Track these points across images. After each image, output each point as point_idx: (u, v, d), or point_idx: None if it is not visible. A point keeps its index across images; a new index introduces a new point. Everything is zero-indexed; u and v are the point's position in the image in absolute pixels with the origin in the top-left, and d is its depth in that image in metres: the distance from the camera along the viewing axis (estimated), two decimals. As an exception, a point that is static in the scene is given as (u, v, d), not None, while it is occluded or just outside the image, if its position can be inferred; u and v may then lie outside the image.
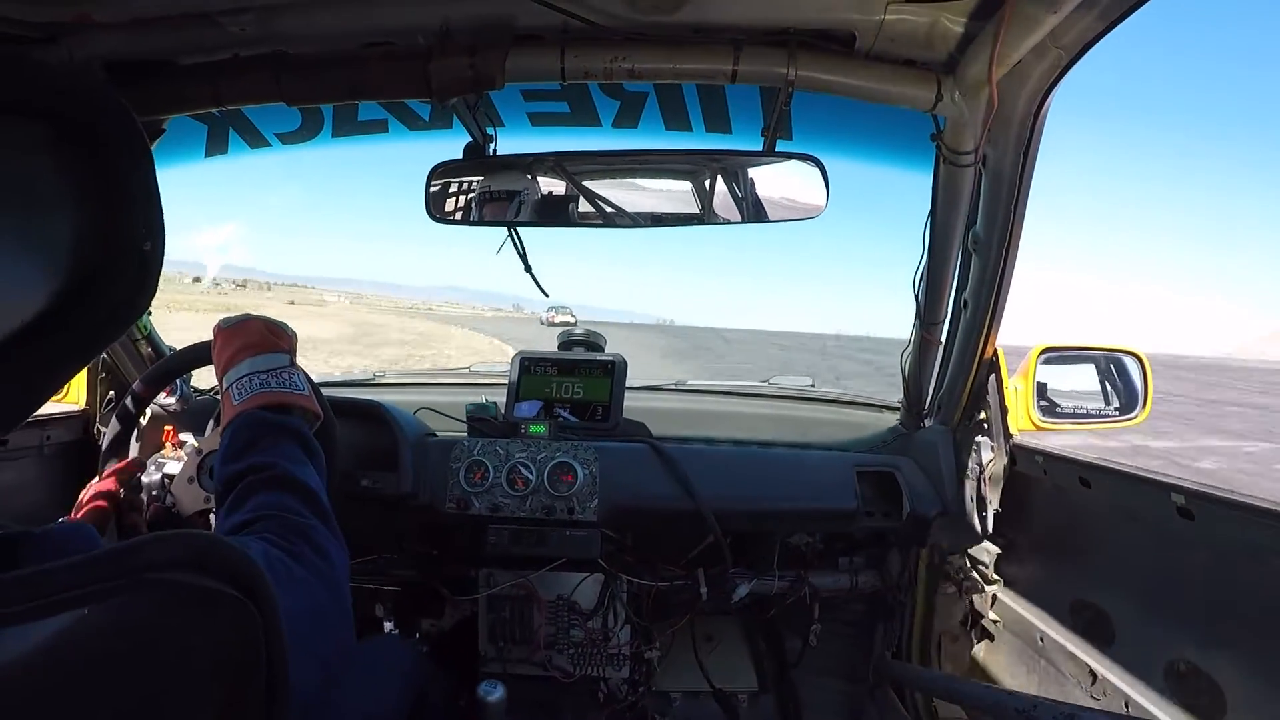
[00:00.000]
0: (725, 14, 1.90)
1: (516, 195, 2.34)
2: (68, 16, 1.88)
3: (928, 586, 2.80)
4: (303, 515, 1.28)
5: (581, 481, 2.57)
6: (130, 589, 0.74)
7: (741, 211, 2.27)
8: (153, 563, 0.77)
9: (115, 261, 0.79)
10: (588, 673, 2.80)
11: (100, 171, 0.76)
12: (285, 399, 1.61)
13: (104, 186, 0.77)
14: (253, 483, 1.34)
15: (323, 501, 1.39)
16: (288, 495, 1.33)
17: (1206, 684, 1.77)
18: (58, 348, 0.78)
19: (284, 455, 1.45)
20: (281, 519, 1.23)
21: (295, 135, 2.77)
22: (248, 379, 1.63)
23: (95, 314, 0.79)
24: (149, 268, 0.82)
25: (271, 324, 1.78)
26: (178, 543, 0.80)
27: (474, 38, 1.95)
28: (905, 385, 2.87)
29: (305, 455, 1.51)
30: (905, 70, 2.02)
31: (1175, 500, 1.80)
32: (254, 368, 1.65)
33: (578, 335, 3.19)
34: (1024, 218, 2.19)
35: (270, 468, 1.38)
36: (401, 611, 3.12)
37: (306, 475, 1.42)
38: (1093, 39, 1.74)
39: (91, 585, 0.72)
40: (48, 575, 0.73)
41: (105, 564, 0.75)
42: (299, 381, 1.68)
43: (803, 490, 2.67)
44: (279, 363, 1.69)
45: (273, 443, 1.47)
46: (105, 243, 0.78)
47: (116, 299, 0.80)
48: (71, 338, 0.79)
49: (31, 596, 0.70)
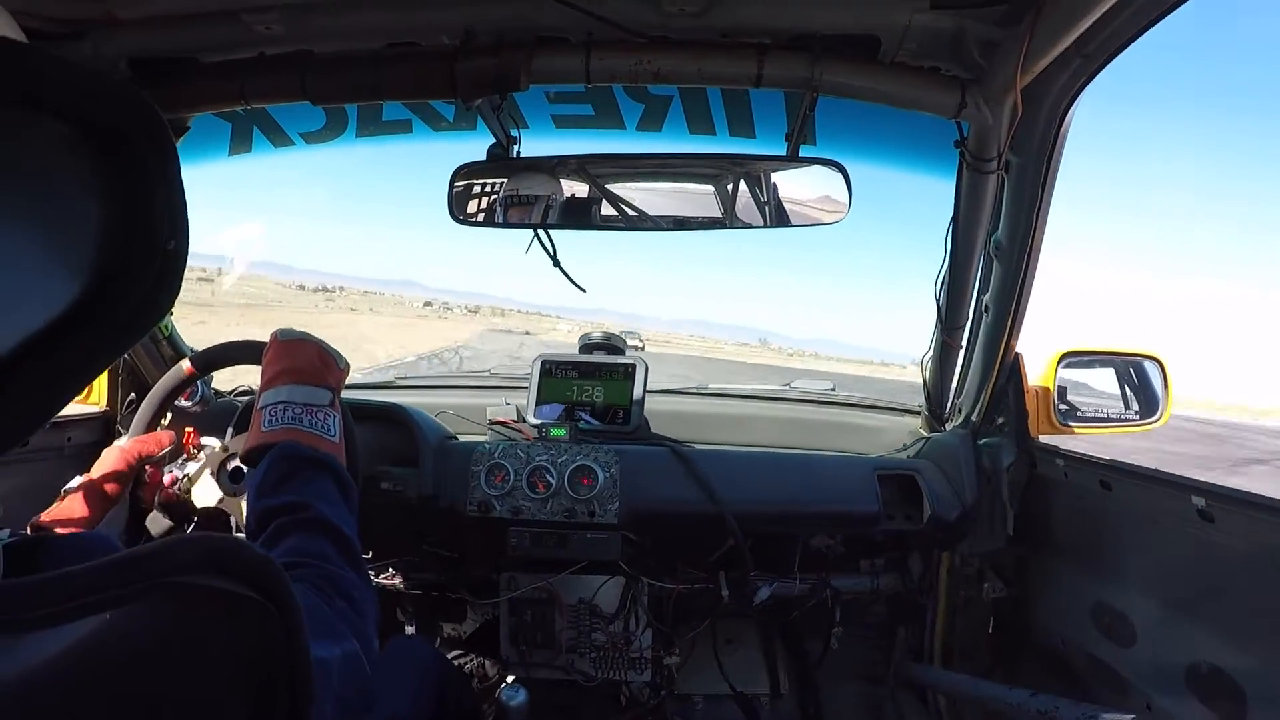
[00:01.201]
0: (751, 18, 1.91)
1: (540, 197, 2.34)
2: (93, 14, 1.89)
3: (949, 589, 2.80)
4: (336, 564, 1.28)
5: (602, 484, 2.56)
6: (151, 592, 0.74)
7: (764, 216, 2.27)
8: (174, 566, 0.76)
9: (139, 261, 0.79)
10: (609, 676, 2.79)
11: (125, 171, 0.76)
12: (314, 442, 1.59)
13: (128, 186, 0.77)
14: (287, 523, 1.34)
15: (355, 546, 1.39)
16: (323, 540, 1.33)
17: (1228, 685, 1.78)
18: (81, 348, 0.77)
19: (320, 494, 1.44)
20: (317, 568, 1.24)
21: (319, 134, 2.78)
22: (282, 407, 1.62)
23: (118, 314, 0.78)
24: (173, 267, 0.82)
25: (326, 352, 1.78)
26: (198, 546, 0.80)
27: (498, 39, 1.95)
28: (926, 389, 2.88)
29: (340, 493, 1.50)
30: (930, 76, 2.02)
31: (1196, 503, 1.81)
32: (291, 397, 1.64)
33: (597, 338, 3.18)
34: (1046, 224, 2.19)
35: (306, 508, 1.37)
36: (423, 615, 3.12)
37: (341, 518, 1.42)
38: (1117, 47, 1.74)
39: (112, 589, 0.72)
40: (68, 580, 0.72)
41: (126, 568, 0.74)
42: (332, 426, 1.66)
43: (824, 493, 2.66)
44: (318, 399, 1.67)
45: (308, 479, 1.47)
46: (129, 242, 0.78)
47: (140, 299, 0.80)
48: (95, 337, 0.78)
49: (52, 601, 0.70)
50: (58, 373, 0.75)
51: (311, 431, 1.59)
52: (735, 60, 1.96)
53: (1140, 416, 2.67)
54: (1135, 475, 2.08)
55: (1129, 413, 2.70)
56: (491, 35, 1.95)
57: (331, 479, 1.51)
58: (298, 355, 1.73)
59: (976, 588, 2.72)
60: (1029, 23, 1.67)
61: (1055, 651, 2.44)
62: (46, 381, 0.74)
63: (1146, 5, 1.58)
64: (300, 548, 1.28)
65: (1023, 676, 2.60)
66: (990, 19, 1.80)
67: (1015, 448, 2.55)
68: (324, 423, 1.63)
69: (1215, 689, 1.81)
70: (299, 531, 1.33)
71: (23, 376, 0.72)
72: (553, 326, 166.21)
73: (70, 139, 0.72)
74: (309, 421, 1.61)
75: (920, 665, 2.93)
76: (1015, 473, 2.54)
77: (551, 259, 2.38)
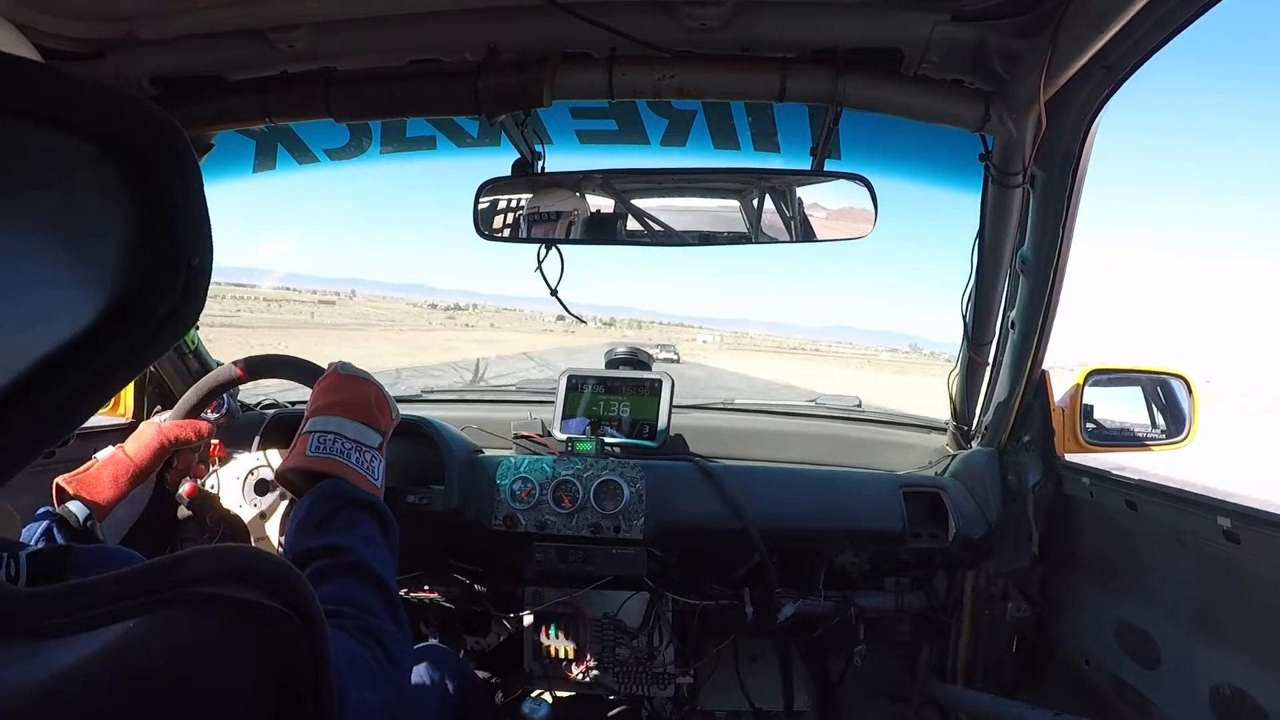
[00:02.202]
0: (773, 32, 1.91)
1: (564, 212, 2.34)
2: (116, 33, 1.91)
3: (974, 607, 2.77)
4: (376, 615, 1.27)
5: (628, 500, 2.56)
6: (175, 603, 0.74)
7: (790, 231, 2.26)
8: (197, 576, 0.77)
9: (163, 277, 0.79)
10: (632, 691, 2.78)
11: (148, 188, 0.76)
12: (359, 480, 1.58)
13: (152, 203, 0.77)
14: (327, 567, 1.32)
15: (396, 595, 1.37)
16: (365, 588, 1.31)
17: (1251, 708, 1.76)
18: (106, 361, 0.77)
19: (364, 538, 1.42)
20: (359, 620, 1.22)
21: (343, 151, 2.80)
22: (332, 438, 1.61)
23: (143, 327, 0.78)
24: (197, 282, 0.82)
25: (383, 398, 1.78)
26: (222, 556, 0.80)
27: (522, 55, 1.97)
28: (952, 405, 2.86)
29: (383, 537, 1.49)
30: (953, 89, 2.02)
31: (1221, 524, 1.79)
32: (342, 430, 1.63)
33: (622, 353, 3.18)
34: (1072, 238, 2.17)
35: (347, 552, 1.36)
36: (447, 628, 3.12)
37: (383, 563, 1.40)
38: (1140, 59, 1.73)
39: (137, 598, 0.73)
40: (93, 588, 0.73)
41: (150, 577, 0.75)
42: (377, 470, 1.65)
43: (849, 510, 2.65)
44: (369, 440, 1.66)
45: (352, 521, 1.45)
46: (154, 258, 0.78)
47: (165, 313, 0.80)
48: (120, 350, 0.78)
49: (76, 609, 0.70)
50: (84, 384, 0.75)
51: (357, 470, 1.59)
52: (758, 74, 1.96)
53: (1167, 436, 2.64)
54: (1161, 495, 2.06)
55: (1155, 432, 2.67)
56: (515, 51, 1.97)
57: (375, 522, 1.49)
58: (356, 391, 1.73)
59: (1001, 607, 2.70)
60: (1051, 34, 1.67)
61: (1079, 671, 2.42)
62: (73, 393, 0.74)
63: (1168, 16, 1.57)
64: (343, 595, 1.27)
65: (1046, 696, 2.58)
66: (1012, 31, 1.81)
67: (1041, 466, 2.53)
68: (370, 464, 1.63)
69: (1238, 712, 1.79)
70: (341, 577, 1.32)
71: (50, 388, 0.72)
72: (691, 337, 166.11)
73: (92, 157, 0.73)
74: (356, 459, 1.61)
75: (944, 684, 2.91)
76: (1041, 491, 2.52)
77: (550, 289, 2.37)
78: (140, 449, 1.95)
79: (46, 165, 0.69)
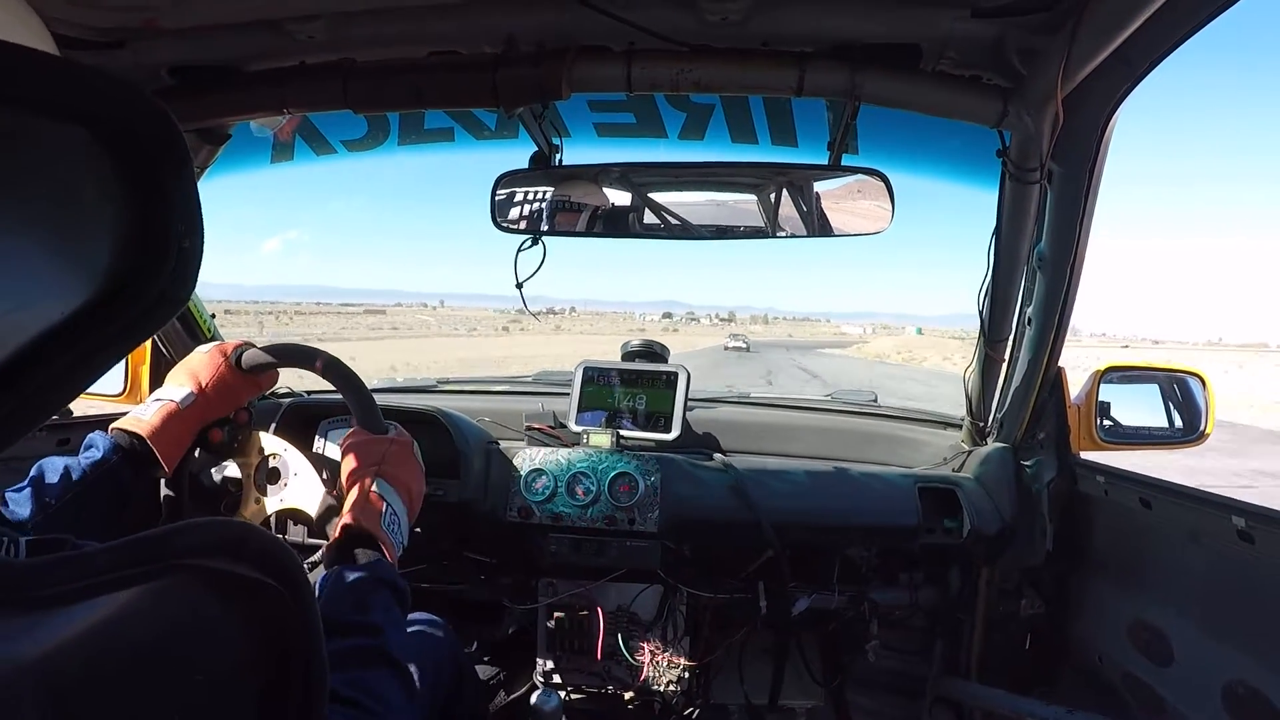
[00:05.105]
0: (791, 26, 1.91)
1: (582, 205, 2.35)
2: (135, 22, 1.91)
3: (988, 604, 2.77)
4: (393, 709, 1.30)
5: (642, 492, 2.57)
6: (167, 573, 0.76)
7: (807, 225, 2.26)
8: (190, 548, 0.79)
9: (154, 259, 0.80)
10: (645, 684, 2.79)
11: (139, 173, 0.78)
12: (390, 550, 1.65)
13: (143, 188, 0.78)
14: (358, 650, 1.36)
15: (412, 680, 1.44)
16: (390, 680, 1.35)
17: (1265, 707, 1.75)
18: (97, 341, 0.79)
19: (393, 622, 1.49)
20: (374, 716, 1.25)
21: (361, 143, 2.81)
22: (398, 520, 1.73)
23: (134, 308, 0.80)
24: (188, 263, 0.83)
25: (424, 483, 1.90)
26: (214, 530, 0.83)
27: (540, 47, 1.97)
28: (968, 402, 2.86)
29: (402, 614, 1.56)
30: (971, 85, 2.01)
31: (1236, 523, 1.79)
32: (401, 514, 1.75)
33: (636, 346, 3.18)
34: (1089, 235, 2.17)
35: (378, 634, 1.41)
36: (460, 619, 3.14)
37: (404, 649, 1.46)
38: (1159, 55, 1.72)
39: (129, 569, 0.75)
40: (88, 558, 0.74)
41: (143, 548, 0.77)
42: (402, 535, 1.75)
43: (864, 505, 2.66)
44: (403, 514, 1.77)
45: (387, 605, 1.50)
46: (144, 241, 0.79)
47: (155, 294, 0.81)
48: (112, 332, 0.80)
49: (68, 580, 0.72)
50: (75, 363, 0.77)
51: (396, 539, 1.71)
52: (776, 69, 1.96)
53: (1183, 434, 2.64)
54: (1175, 494, 2.06)
55: (1171, 429, 2.67)
56: (533, 44, 1.97)
57: (398, 603, 1.55)
58: (416, 481, 1.87)
59: (1015, 603, 2.70)
60: (1070, 30, 1.66)
61: (1092, 669, 2.41)
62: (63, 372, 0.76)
63: (1188, 13, 1.57)
64: (366, 684, 1.29)
65: (1059, 693, 2.58)
66: (1031, 27, 1.80)
67: (1056, 463, 2.53)
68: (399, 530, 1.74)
69: (1251, 710, 1.79)
70: (370, 664, 1.35)
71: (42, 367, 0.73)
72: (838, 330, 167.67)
73: (84, 142, 0.74)
74: (398, 548, 1.71)
75: (957, 680, 2.91)
76: (1056, 489, 2.52)
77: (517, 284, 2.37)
78: (220, 402, 1.97)
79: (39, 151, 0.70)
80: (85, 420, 2.56)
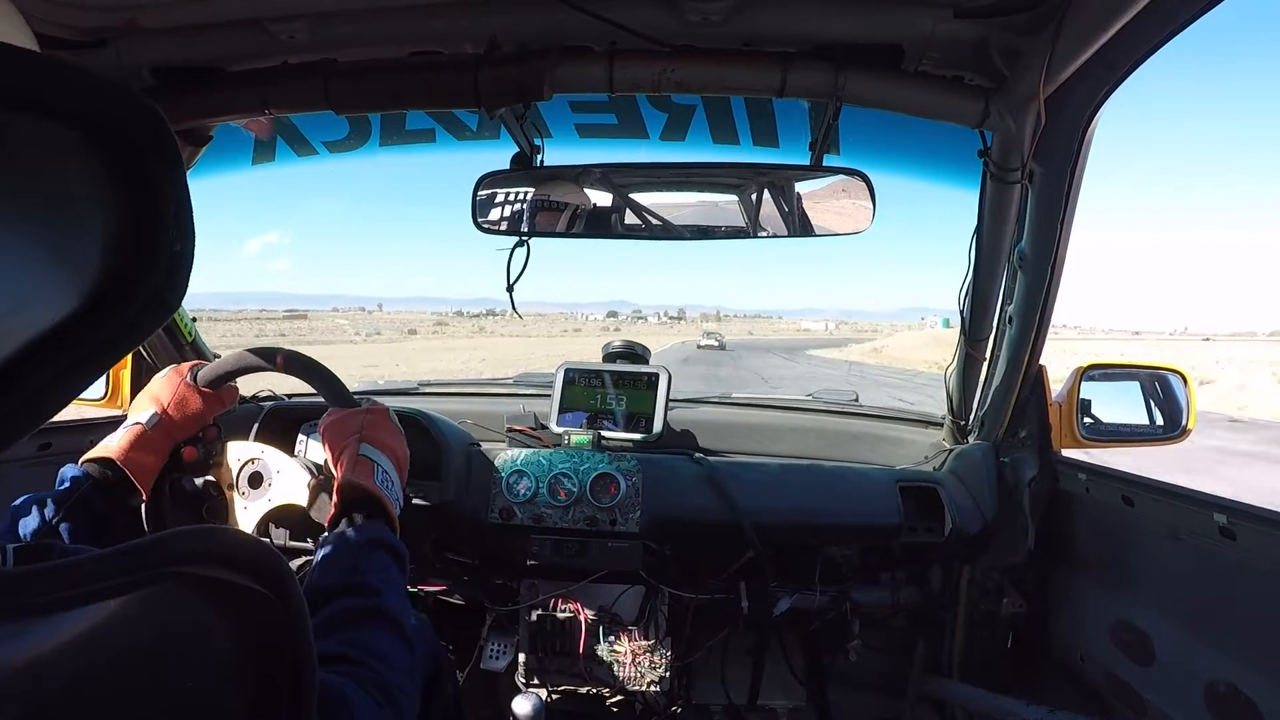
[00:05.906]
0: (774, 27, 1.92)
1: (563, 206, 2.35)
2: (116, 22, 1.91)
3: (969, 603, 2.78)
4: (393, 667, 1.28)
5: (624, 493, 2.57)
6: (156, 581, 0.75)
7: (788, 226, 2.28)
8: (180, 555, 0.78)
9: (146, 263, 0.79)
10: (626, 685, 2.77)
11: (132, 176, 0.76)
12: (394, 526, 1.66)
13: (135, 191, 0.77)
14: (355, 608, 1.34)
15: (413, 640, 1.41)
16: (388, 636, 1.34)
17: (1245, 705, 1.76)
18: (90, 345, 0.78)
19: (390, 581, 1.47)
20: (373, 673, 1.23)
21: (342, 144, 2.80)
22: (391, 480, 1.73)
23: (126, 313, 0.79)
24: (179, 267, 0.82)
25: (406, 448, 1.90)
26: (203, 537, 0.82)
27: (522, 48, 1.97)
28: (949, 400, 2.87)
29: (401, 575, 1.54)
30: (953, 86, 2.03)
31: (1217, 520, 1.80)
32: (393, 474, 1.75)
33: (618, 347, 3.18)
34: (1070, 235, 2.18)
35: (376, 594, 1.39)
36: (441, 621, 3.12)
37: (403, 610, 1.44)
38: (1140, 57, 1.73)
39: (118, 577, 0.73)
40: (76, 566, 0.73)
41: (132, 556, 0.76)
42: (397, 493, 1.75)
43: (845, 504, 2.66)
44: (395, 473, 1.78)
45: (384, 564, 1.50)
46: (136, 245, 0.78)
47: (146, 298, 0.80)
48: (103, 336, 0.79)
49: (56, 588, 0.71)
50: (67, 368, 0.76)
51: (395, 517, 1.69)
52: (758, 69, 1.97)
53: (1165, 430, 2.65)
54: (1157, 491, 2.07)
55: (1153, 426, 2.68)
56: (515, 44, 1.97)
57: (399, 568, 1.55)
58: (402, 445, 1.88)
59: (996, 602, 2.70)
60: (1052, 31, 1.67)
61: (1074, 668, 2.42)
62: (56, 377, 0.75)
63: (1168, 15, 1.57)
64: (365, 640, 1.28)
65: (1041, 692, 2.58)
66: (1014, 27, 1.81)
67: (1037, 461, 2.54)
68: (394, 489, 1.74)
69: (1232, 708, 1.80)
70: (367, 621, 1.34)
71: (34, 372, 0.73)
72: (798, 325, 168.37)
73: (76, 144, 0.73)
74: (396, 508, 1.71)
75: (939, 679, 2.92)
76: (1037, 487, 2.52)
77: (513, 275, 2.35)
78: (185, 421, 1.95)
79: (30, 152, 0.69)
80: (67, 425, 2.54)
